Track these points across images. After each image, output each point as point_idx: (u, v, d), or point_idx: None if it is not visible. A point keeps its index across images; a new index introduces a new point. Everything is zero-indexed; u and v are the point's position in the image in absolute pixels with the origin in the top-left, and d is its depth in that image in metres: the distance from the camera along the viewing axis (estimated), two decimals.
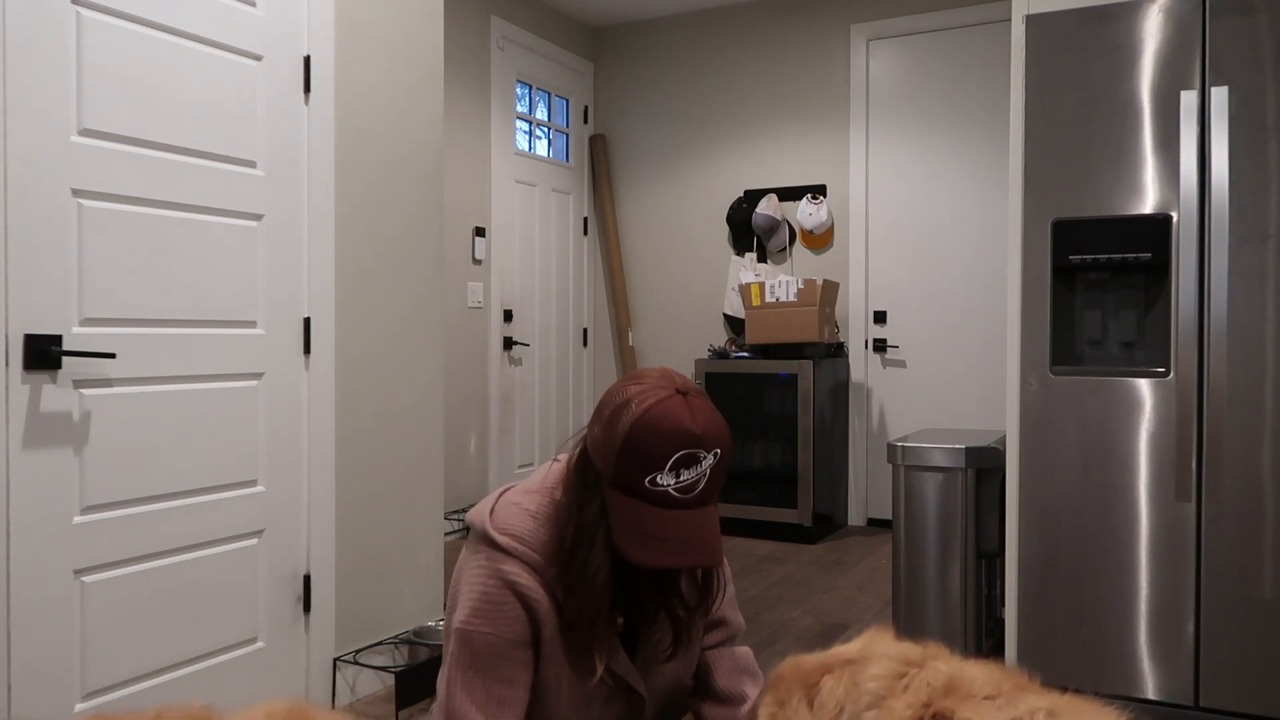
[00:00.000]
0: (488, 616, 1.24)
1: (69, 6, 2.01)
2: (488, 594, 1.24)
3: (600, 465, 1.21)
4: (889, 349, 5.08)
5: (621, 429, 1.17)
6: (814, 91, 5.25)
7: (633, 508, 1.18)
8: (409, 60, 2.90)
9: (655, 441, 1.16)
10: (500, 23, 5.07)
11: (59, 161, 2.00)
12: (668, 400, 1.18)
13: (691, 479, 1.18)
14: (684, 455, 1.17)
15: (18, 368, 1.93)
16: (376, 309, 2.79)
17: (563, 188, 5.62)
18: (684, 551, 1.17)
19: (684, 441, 1.16)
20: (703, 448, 1.17)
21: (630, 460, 1.17)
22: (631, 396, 1.19)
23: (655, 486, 1.17)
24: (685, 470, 1.17)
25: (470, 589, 1.26)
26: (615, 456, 1.18)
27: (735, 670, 1.47)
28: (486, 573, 1.26)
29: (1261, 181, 2.33)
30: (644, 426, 1.16)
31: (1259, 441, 2.34)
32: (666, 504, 1.17)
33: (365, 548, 2.75)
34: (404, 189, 2.88)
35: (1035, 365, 2.57)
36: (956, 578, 2.86)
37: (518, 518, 1.29)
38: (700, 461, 1.18)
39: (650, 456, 1.16)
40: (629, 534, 1.17)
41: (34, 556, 1.96)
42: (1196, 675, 2.40)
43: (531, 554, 1.26)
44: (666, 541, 1.16)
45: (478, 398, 4.99)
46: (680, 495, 1.17)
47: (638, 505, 1.17)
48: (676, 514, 1.18)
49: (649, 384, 1.21)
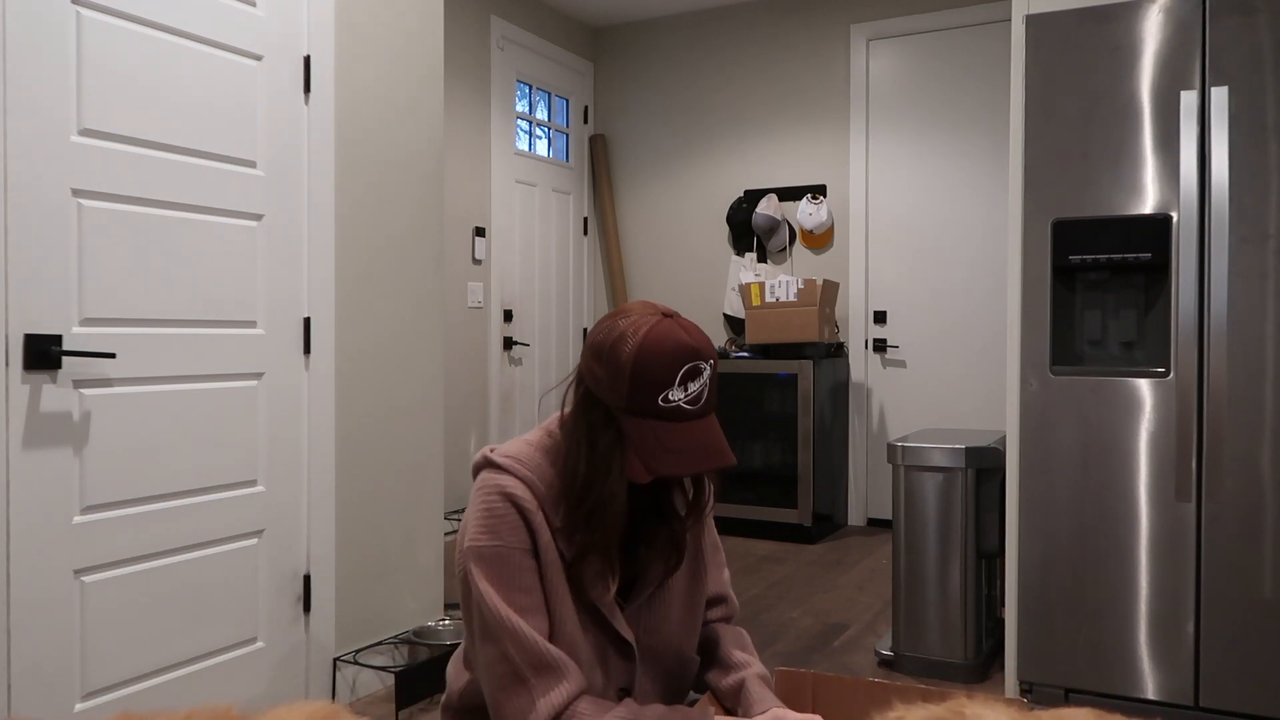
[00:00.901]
0: (492, 530, 1.31)
1: (69, 6, 2.01)
2: (489, 508, 1.32)
3: (610, 399, 1.28)
4: (889, 349, 5.08)
5: (627, 358, 1.26)
6: (814, 91, 5.25)
7: (650, 428, 1.26)
8: (409, 60, 2.90)
9: (662, 361, 1.25)
10: (500, 23, 5.07)
11: (59, 161, 2.00)
12: (661, 323, 1.28)
13: (698, 390, 1.27)
14: (690, 368, 1.26)
15: (18, 368, 1.93)
16: (376, 309, 2.79)
17: (563, 188, 5.62)
18: (704, 457, 1.26)
19: (687, 356, 1.26)
20: (702, 359, 1.28)
21: (642, 384, 1.25)
22: (625, 329, 1.28)
23: (668, 403, 1.26)
24: (692, 383, 1.27)
25: (473, 511, 1.34)
26: (626, 384, 1.26)
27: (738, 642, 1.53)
28: (485, 490, 1.34)
29: (1261, 181, 2.33)
30: (648, 350, 1.25)
31: (1259, 441, 2.34)
32: (680, 417, 1.27)
33: (365, 548, 2.75)
34: (404, 189, 2.88)
35: (1035, 365, 2.57)
36: (956, 578, 2.86)
37: (516, 445, 1.39)
38: (703, 372, 1.28)
39: (660, 376, 1.25)
40: (651, 451, 1.25)
41: (34, 556, 1.96)
42: (1196, 675, 2.41)
43: (526, 471, 1.34)
44: (685, 452, 1.26)
45: (478, 398, 4.99)
46: (690, 407, 1.27)
47: (655, 425, 1.26)
48: (690, 425, 1.27)
49: (636, 315, 1.30)
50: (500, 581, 1.30)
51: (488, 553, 1.31)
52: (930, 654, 2.88)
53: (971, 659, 2.85)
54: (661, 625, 1.42)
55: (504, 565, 1.31)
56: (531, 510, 1.32)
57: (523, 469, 1.34)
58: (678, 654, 1.45)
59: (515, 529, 1.31)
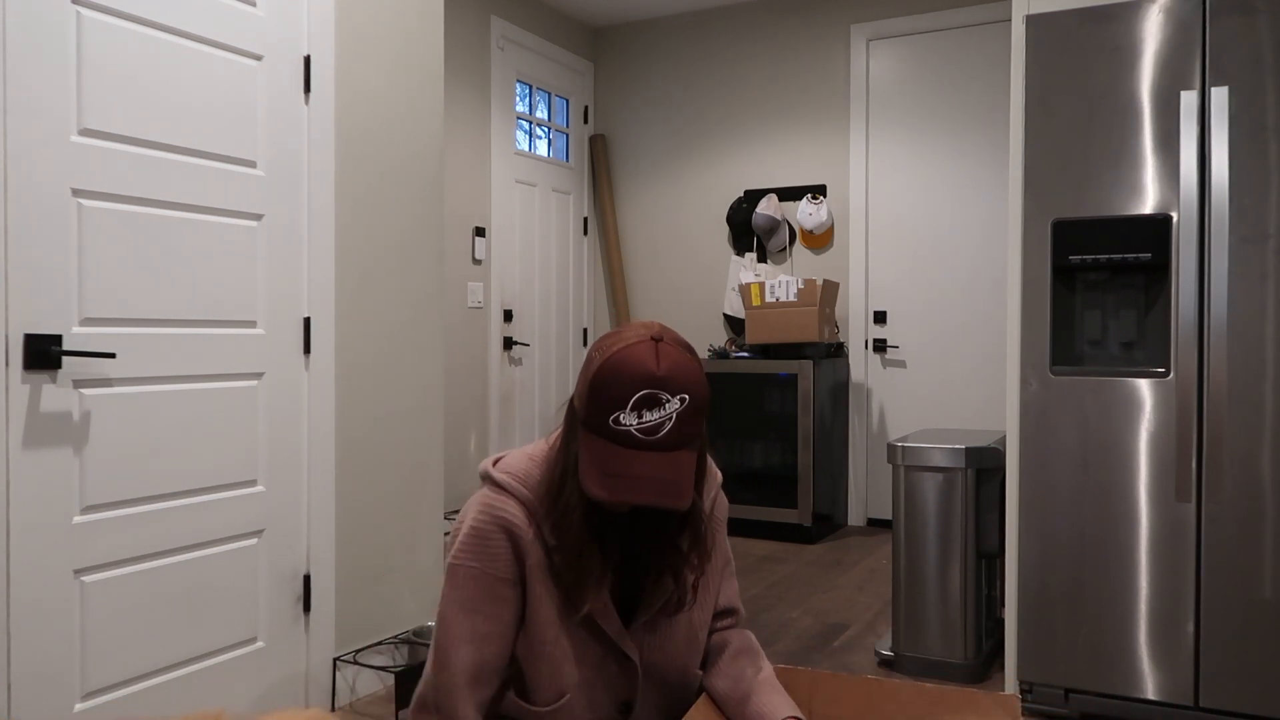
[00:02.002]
0: (474, 551, 1.30)
1: (69, 6, 2.01)
2: (476, 529, 1.31)
3: (577, 408, 1.28)
4: (889, 349, 5.08)
5: (591, 371, 1.24)
6: (814, 91, 5.25)
7: (598, 446, 1.23)
8: (409, 60, 2.90)
9: (617, 382, 1.21)
10: (500, 23, 5.07)
11: (59, 161, 2.00)
12: (637, 345, 1.24)
13: (655, 420, 1.21)
14: (644, 395, 1.21)
15: (18, 368, 1.93)
16: (376, 309, 2.79)
17: (563, 188, 5.62)
18: (640, 488, 1.20)
19: (644, 383, 1.21)
20: (665, 390, 1.22)
21: (596, 400, 1.23)
22: (607, 345, 1.26)
23: (619, 426, 1.21)
24: (647, 411, 1.21)
25: (465, 526, 1.33)
26: (585, 397, 1.25)
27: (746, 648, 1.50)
28: (479, 509, 1.33)
29: (1261, 181, 2.33)
30: (609, 368, 1.22)
31: (1259, 441, 2.34)
32: (630, 444, 1.22)
33: (365, 548, 2.75)
34: (404, 189, 2.88)
35: (1035, 365, 2.57)
36: (956, 578, 2.86)
37: (517, 459, 1.37)
38: (663, 404, 1.22)
39: (613, 397, 1.21)
40: (589, 469, 1.22)
41: (34, 556, 1.96)
42: (1196, 675, 2.40)
43: (523, 490, 1.33)
44: (623, 478, 1.21)
45: (478, 398, 4.99)
46: (643, 436, 1.21)
47: (603, 444, 1.22)
48: (640, 454, 1.21)
49: (628, 333, 1.27)
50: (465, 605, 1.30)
51: (464, 572, 1.31)
52: (930, 654, 2.88)
53: (971, 659, 2.85)
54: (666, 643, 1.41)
55: (476, 588, 1.30)
56: (523, 534, 1.30)
57: (520, 487, 1.33)
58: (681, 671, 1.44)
59: (499, 555, 1.30)
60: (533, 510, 1.31)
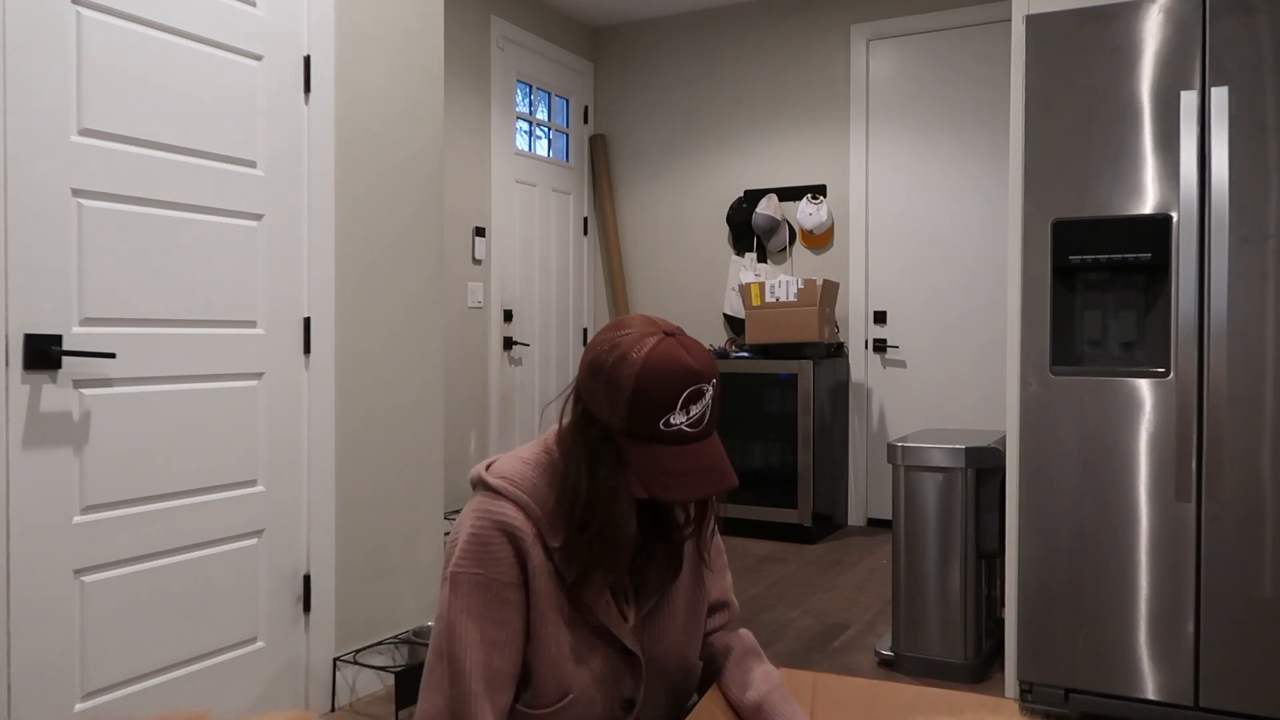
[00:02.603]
0: (476, 558, 1.28)
1: (69, 6, 2.01)
2: (476, 535, 1.29)
3: (608, 420, 1.24)
4: (889, 349, 5.08)
5: (627, 380, 1.21)
6: (814, 91, 5.25)
7: (650, 452, 1.22)
8: (409, 60, 2.90)
9: (664, 385, 1.20)
10: (500, 23, 5.07)
11: (59, 161, 2.00)
12: (663, 343, 1.23)
13: (699, 413, 1.23)
14: (692, 392, 1.22)
15: (18, 368, 1.93)
16: (376, 309, 2.79)
17: (563, 188, 5.62)
18: (707, 481, 1.22)
19: (690, 379, 1.22)
20: (704, 381, 1.23)
21: (642, 408, 1.21)
22: (626, 347, 1.23)
23: (669, 428, 1.21)
24: (694, 405, 1.22)
25: (463, 532, 1.31)
26: (626, 407, 1.21)
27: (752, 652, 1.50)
28: (477, 514, 1.30)
29: (1261, 181, 2.33)
30: (649, 372, 1.20)
31: (1259, 441, 2.34)
32: (681, 440, 1.23)
33: (365, 548, 2.75)
34: (404, 189, 2.88)
35: (1035, 365, 2.57)
36: (956, 578, 2.86)
37: (511, 464, 1.34)
38: (705, 394, 1.23)
39: (662, 400, 1.20)
40: (651, 476, 1.22)
41: (34, 556, 1.96)
42: (1196, 675, 2.41)
43: (521, 494, 1.30)
44: (686, 476, 1.22)
45: (478, 398, 4.99)
46: (692, 430, 1.23)
47: (655, 449, 1.22)
48: (691, 448, 1.23)
49: (636, 331, 1.25)
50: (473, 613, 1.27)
51: (468, 580, 1.28)
52: (930, 654, 2.88)
53: (971, 659, 2.85)
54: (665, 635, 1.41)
55: (482, 595, 1.28)
56: (524, 536, 1.28)
57: (518, 491, 1.31)
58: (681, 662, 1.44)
59: (502, 560, 1.28)
60: (530, 512, 1.30)
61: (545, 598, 1.31)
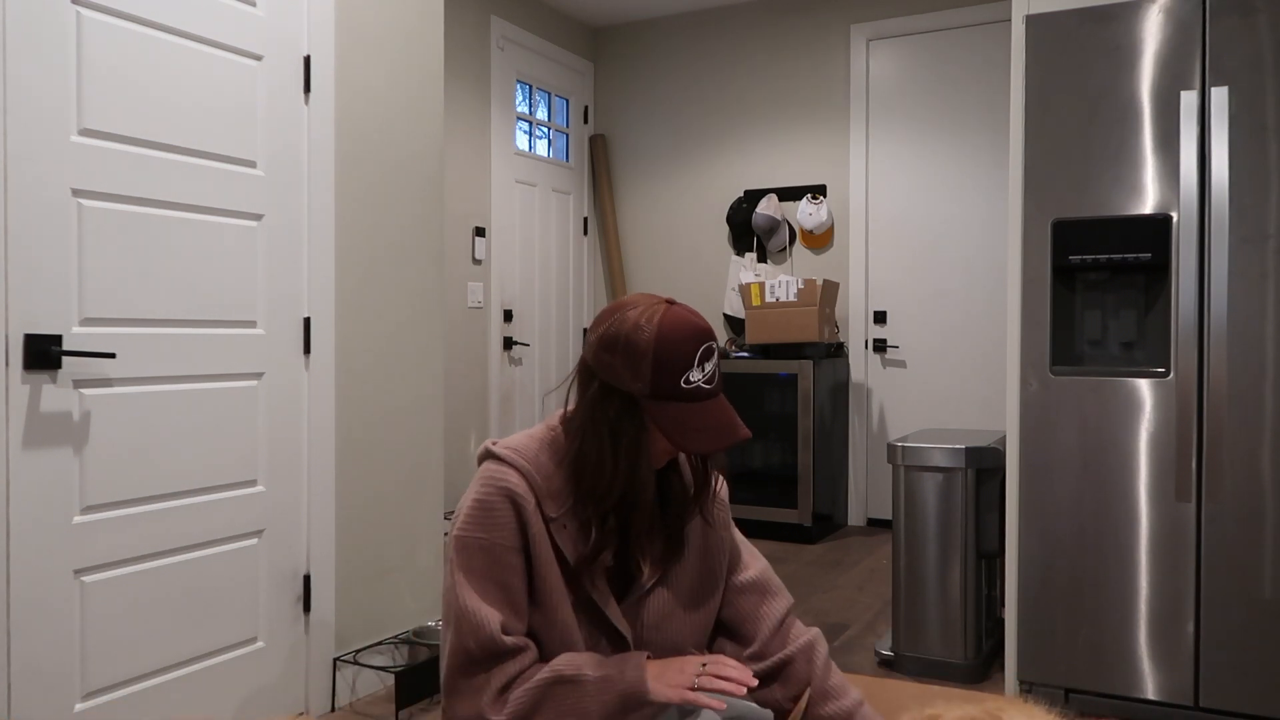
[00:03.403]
0: (480, 522, 1.34)
1: (69, 6, 2.01)
2: (481, 500, 1.35)
3: (631, 386, 1.32)
4: (889, 349, 5.08)
5: (647, 344, 1.30)
6: (814, 91, 5.25)
7: (675, 410, 1.31)
8: (409, 60, 2.90)
9: (681, 345, 1.31)
10: (500, 23, 5.07)
11: (59, 161, 2.00)
12: (672, 309, 1.34)
13: (712, 369, 1.34)
14: (705, 349, 1.33)
15: (18, 368, 1.93)
16: (376, 309, 2.79)
17: (563, 188, 5.62)
18: (729, 433, 1.32)
19: (702, 337, 1.33)
20: (713, 340, 1.35)
21: (665, 368, 1.30)
22: (639, 319, 1.32)
23: (689, 385, 1.31)
24: (708, 363, 1.33)
25: (469, 500, 1.37)
26: (650, 370, 1.30)
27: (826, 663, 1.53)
28: (482, 481, 1.37)
29: (1261, 181, 2.33)
30: (667, 335, 1.31)
31: (1259, 441, 2.34)
32: (700, 397, 1.33)
33: (365, 548, 2.75)
34: (404, 189, 2.88)
35: (1035, 365, 2.57)
36: (956, 578, 2.86)
37: (518, 439, 1.42)
38: (714, 353, 1.35)
39: (682, 358, 1.31)
40: (680, 431, 1.30)
41: (34, 556, 1.96)
42: (1196, 675, 2.41)
43: (525, 464, 1.37)
44: (709, 430, 1.31)
45: (478, 398, 4.99)
46: (708, 386, 1.33)
47: (679, 407, 1.31)
48: (709, 405, 1.33)
49: (643, 304, 1.35)
50: (480, 574, 1.32)
51: (473, 544, 1.33)
52: (930, 654, 2.88)
53: (971, 659, 2.85)
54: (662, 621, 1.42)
55: (487, 558, 1.33)
56: (526, 502, 1.34)
57: (522, 461, 1.36)
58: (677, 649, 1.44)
59: (506, 524, 1.33)
60: (532, 481, 1.35)
61: (545, 564, 1.35)
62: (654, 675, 1.29)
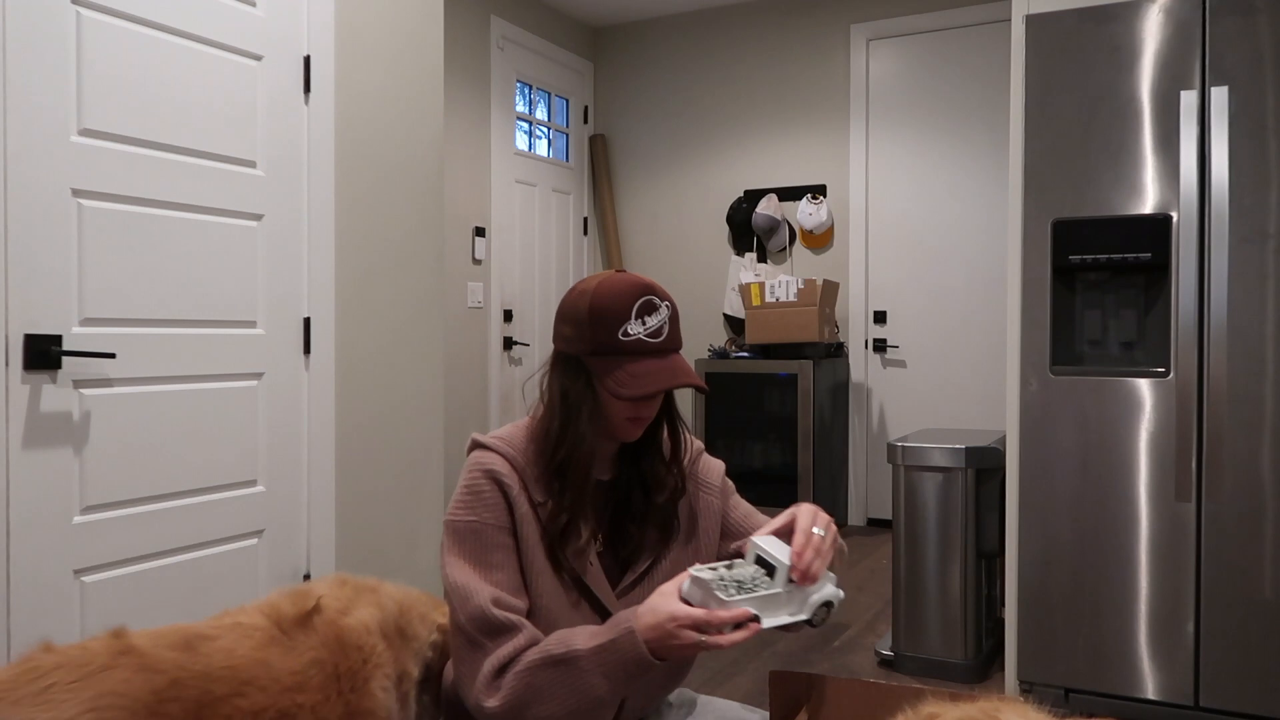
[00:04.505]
0: (469, 506, 1.36)
1: (69, 6, 2.01)
2: (469, 485, 1.37)
3: (577, 349, 1.35)
4: (889, 349, 5.08)
5: (584, 305, 1.34)
6: (814, 91, 5.25)
7: (612, 364, 1.32)
8: (409, 60, 2.90)
9: (616, 299, 1.33)
10: (500, 23, 5.07)
11: (59, 161, 1.99)
12: (615, 273, 1.37)
13: (656, 324, 1.34)
14: (644, 302, 1.34)
15: (18, 368, 1.93)
16: (376, 309, 2.79)
17: (563, 188, 5.62)
18: (671, 377, 1.32)
19: (640, 291, 1.34)
20: (656, 295, 1.35)
21: (601, 322, 1.32)
22: (583, 286, 1.37)
23: (628, 337, 1.32)
24: (649, 316, 1.34)
25: (458, 488, 1.39)
26: (588, 327, 1.33)
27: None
28: (469, 468, 1.39)
29: (1261, 181, 2.33)
30: (603, 292, 1.34)
31: (1259, 441, 2.34)
32: (643, 350, 1.33)
33: (365, 548, 2.75)
34: (404, 189, 2.88)
35: (1035, 365, 2.57)
36: (956, 578, 2.86)
37: (505, 429, 1.45)
38: (659, 308, 1.35)
39: (616, 311, 1.32)
40: (616, 379, 1.31)
41: (34, 556, 1.96)
42: (1196, 675, 2.40)
43: (508, 449, 1.39)
44: (649, 375, 1.32)
45: (478, 398, 4.99)
46: (651, 340, 1.33)
47: (618, 359, 1.32)
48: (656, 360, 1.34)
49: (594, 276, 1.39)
50: (471, 556, 1.34)
51: (463, 527, 1.35)
52: (930, 654, 2.88)
53: (971, 659, 2.85)
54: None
55: (477, 540, 1.34)
56: (511, 484, 1.35)
57: (506, 446, 1.39)
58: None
59: (494, 506, 1.35)
60: (515, 465, 1.38)
61: (533, 546, 1.36)
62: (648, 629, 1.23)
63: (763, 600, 1.24)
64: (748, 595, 1.23)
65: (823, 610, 1.30)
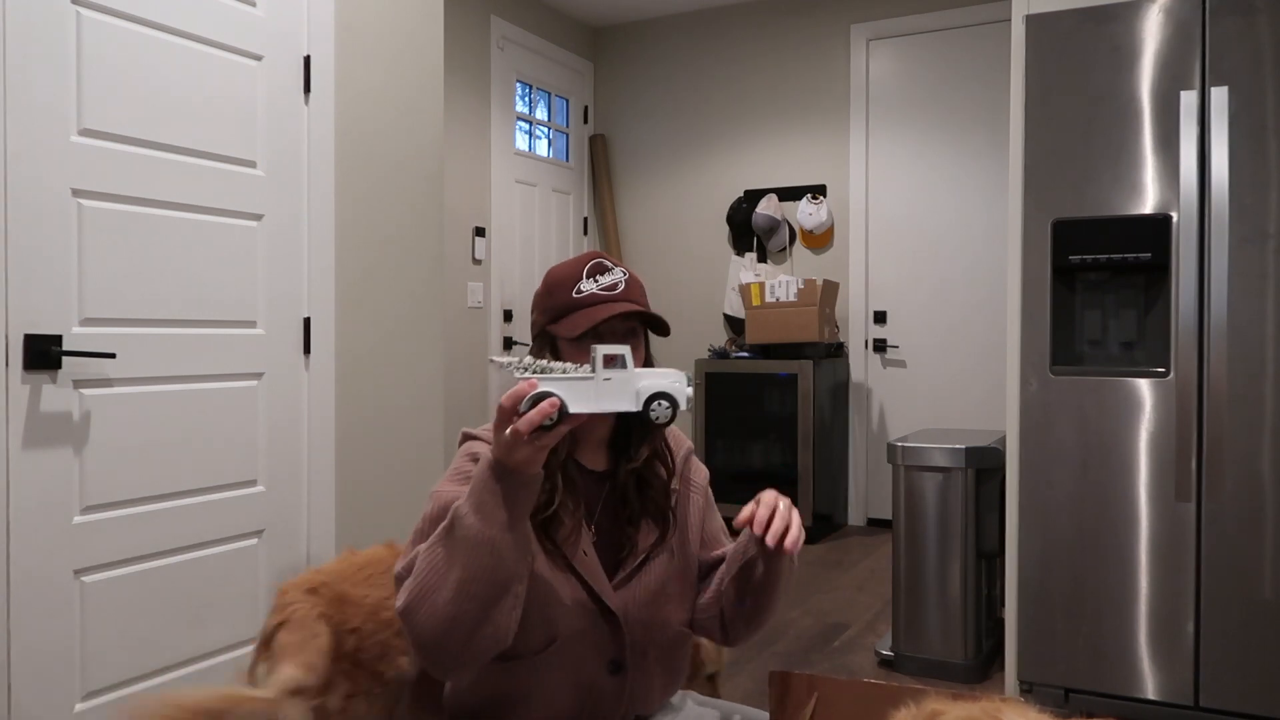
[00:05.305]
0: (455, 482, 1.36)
1: (69, 6, 2.01)
2: (458, 467, 1.38)
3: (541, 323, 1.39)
4: (889, 349, 5.08)
5: (543, 282, 1.40)
6: (814, 91, 5.25)
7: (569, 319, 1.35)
8: (409, 60, 2.90)
9: (567, 266, 1.38)
10: (500, 23, 5.07)
11: (59, 161, 1.99)
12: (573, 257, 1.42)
13: (610, 281, 1.37)
14: (595, 264, 1.37)
15: (18, 368, 1.93)
16: (376, 309, 2.79)
17: (563, 188, 5.62)
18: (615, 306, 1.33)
19: (590, 257, 1.39)
20: (607, 260, 1.39)
21: (555, 289, 1.37)
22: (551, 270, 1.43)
23: (581, 294, 1.35)
24: (601, 275, 1.37)
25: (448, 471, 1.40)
26: (545, 298, 1.38)
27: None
28: (459, 456, 1.40)
29: (1261, 181, 2.33)
30: (557, 267, 1.40)
31: (1259, 441, 2.34)
32: (596, 300, 1.35)
33: (365, 547, 2.75)
34: (404, 189, 2.88)
35: (1035, 365, 2.57)
36: (956, 578, 2.86)
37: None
38: (611, 269, 1.38)
39: (568, 275, 1.37)
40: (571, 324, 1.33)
41: (34, 556, 1.96)
42: (1196, 675, 2.41)
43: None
44: (596, 311, 1.33)
45: (478, 398, 4.99)
46: (606, 293, 1.36)
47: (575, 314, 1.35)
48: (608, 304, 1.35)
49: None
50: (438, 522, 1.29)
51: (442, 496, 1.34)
52: (930, 654, 2.88)
53: (971, 659, 2.85)
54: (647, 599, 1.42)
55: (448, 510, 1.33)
56: None
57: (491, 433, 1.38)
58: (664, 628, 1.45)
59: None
60: None
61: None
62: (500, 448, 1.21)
63: (568, 386, 1.13)
64: (544, 376, 1.14)
65: (662, 406, 1.17)
